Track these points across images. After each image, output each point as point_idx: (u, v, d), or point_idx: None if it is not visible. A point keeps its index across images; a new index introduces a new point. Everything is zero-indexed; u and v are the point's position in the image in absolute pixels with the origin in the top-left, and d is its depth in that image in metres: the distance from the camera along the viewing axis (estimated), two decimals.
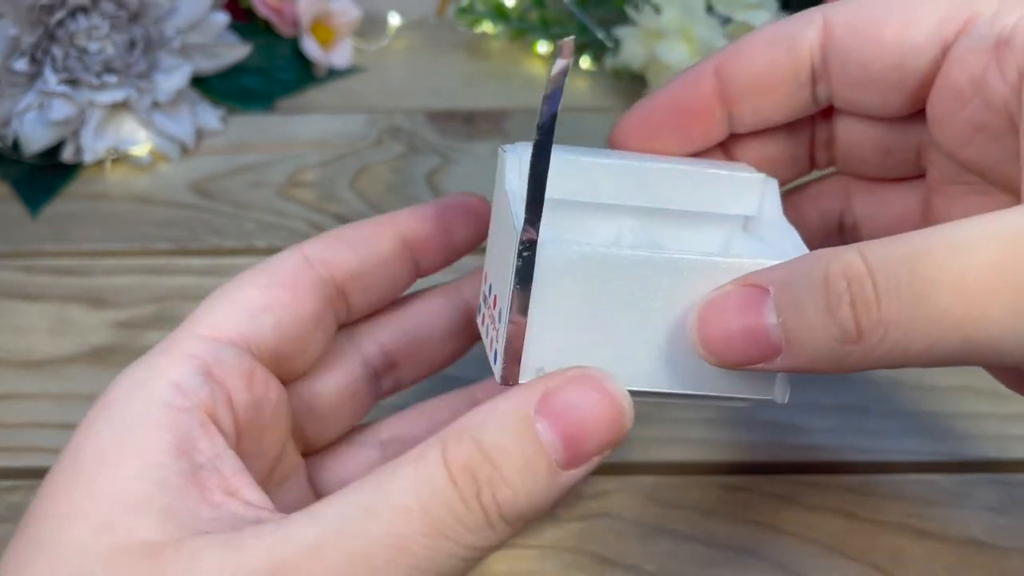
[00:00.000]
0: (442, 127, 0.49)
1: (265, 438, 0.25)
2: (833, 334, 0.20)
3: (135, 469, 0.21)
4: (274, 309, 0.25)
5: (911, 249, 0.19)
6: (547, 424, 0.20)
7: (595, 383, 0.21)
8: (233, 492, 0.21)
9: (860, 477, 0.34)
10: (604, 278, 0.22)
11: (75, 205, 0.44)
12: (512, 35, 0.54)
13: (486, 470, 0.19)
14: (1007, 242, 0.19)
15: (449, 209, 0.28)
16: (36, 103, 0.43)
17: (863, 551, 0.31)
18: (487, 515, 0.19)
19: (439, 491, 0.19)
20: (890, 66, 0.23)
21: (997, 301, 0.18)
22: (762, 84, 0.25)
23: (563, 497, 0.20)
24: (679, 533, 0.32)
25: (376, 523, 0.19)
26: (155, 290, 0.40)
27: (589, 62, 0.52)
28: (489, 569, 0.31)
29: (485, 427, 0.20)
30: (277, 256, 0.26)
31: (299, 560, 0.19)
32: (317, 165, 0.46)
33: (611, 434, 0.20)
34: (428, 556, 0.19)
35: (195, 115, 0.47)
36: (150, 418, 0.21)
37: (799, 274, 0.20)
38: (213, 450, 0.22)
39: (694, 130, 0.26)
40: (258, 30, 0.52)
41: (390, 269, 0.27)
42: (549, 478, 0.20)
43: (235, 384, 0.23)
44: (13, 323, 0.39)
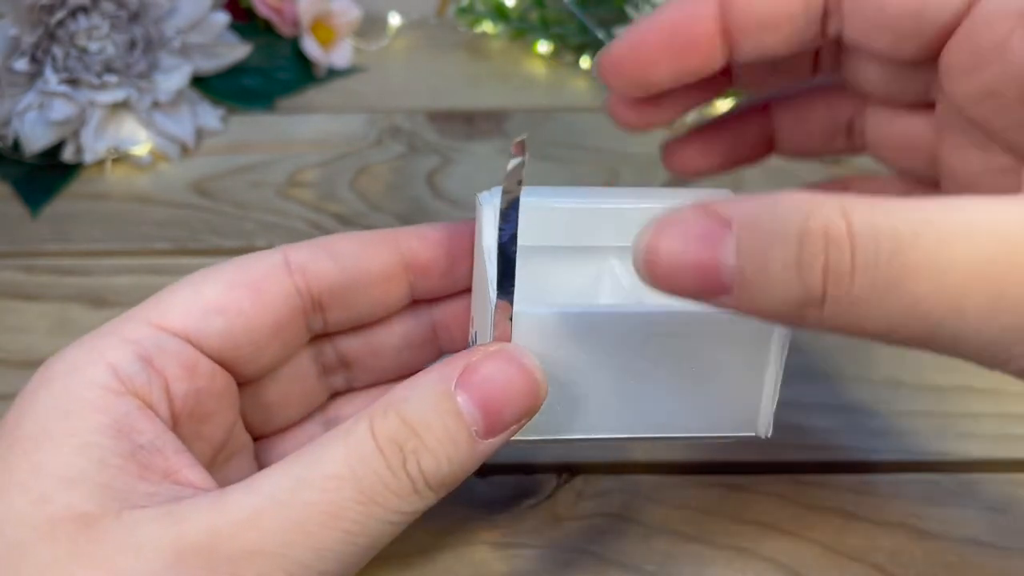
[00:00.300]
0: (442, 127, 0.49)
1: (207, 425, 0.25)
2: (794, 293, 0.18)
3: (73, 447, 0.21)
4: (228, 313, 0.24)
5: (898, 227, 0.18)
6: (467, 396, 0.21)
7: (511, 357, 0.22)
8: (174, 472, 0.22)
9: (860, 477, 0.34)
10: (580, 335, 0.23)
11: (75, 205, 0.44)
12: (512, 35, 0.54)
13: (411, 441, 0.20)
14: (994, 240, 0.17)
15: (457, 235, 0.27)
16: (36, 103, 0.43)
17: (863, 551, 0.31)
18: (413, 482, 0.21)
19: (368, 461, 0.20)
20: (909, 12, 0.22)
21: (972, 300, 0.18)
22: (770, 20, 0.23)
23: (482, 462, 0.21)
24: (679, 533, 0.32)
25: (310, 491, 0.20)
26: (155, 290, 0.40)
27: (589, 62, 0.52)
28: (489, 569, 0.31)
29: (409, 401, 0.21)
30: (261, 253, 0.25)
31: (236, 529, 0.20)
32: (317, 165, 0.46)
33: (527, 405, 0.22)
34: (360, 521, 0.20)
35: (195, 115, 0.47)
36: (87, 399, 0.22)
37: (771, 218, 0.19)
38: (153, 432, 0.22)
39: (691, 62, 0.24)
40: (258, 30, 0.52)
41: (379, 289, 0.26)
42: (469, 447, 0.21)
43: (174, 373, 0.23)
44: (13, 323, 0.39)
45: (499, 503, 0.33)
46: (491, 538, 0.32)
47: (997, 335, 0.18)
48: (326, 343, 0.28)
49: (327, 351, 0.28)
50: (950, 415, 0.36)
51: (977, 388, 0.36)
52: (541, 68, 0.53)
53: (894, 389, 0.36)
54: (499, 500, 0.33)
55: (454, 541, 0.31)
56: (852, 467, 0.34)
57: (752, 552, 0.31)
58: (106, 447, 0.21)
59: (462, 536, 0.32)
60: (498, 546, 0.31)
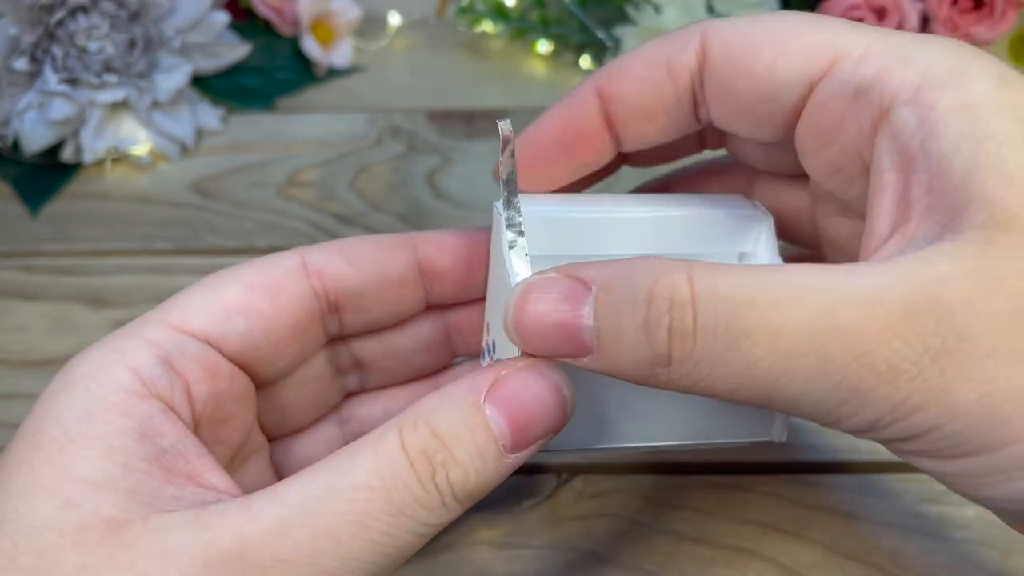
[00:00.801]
0: (442, 127, 0.49)
1: (227, 428, 0.25)
2: (644, 353, 0.20)
3: (99, 451, 0.21)
4: (248, 315, 0.24)
5: (736, 291, 0.19)
6: (495, 410, 0.21)
7: (541, 373, 0.22)
8: (197, 475, 0.22)
9: (860, 477, 0.34)
10: None
11: (75, 205, 0.44)
12: (512, 35, 0.54)
13: (440, 454, 0.21)
14: (820, 306, 0.18)
15: (473, 242, 0.27)
16: (36, 103, 0.43)
17: (863, 551, 0.31)
18: (441, 495, 0.21)
19: (399, 472, 0.20)
20: (760, 99, 0.23)
21: (802, 363, 0.18)
22: (645, 110, 0.24)
23: (507, 476, 0.22)
24: (679, 533, 0.32)
25: (340, 501, 0.20)
26: (155, 290, 0.40)
27: (589, 62, 0.52)
28: (490, 569, 0.31)
29: (439, 413, 0.21)
30: (278, 255, 0.26)
31: (265, 536, 0.20)
32: (317, 165, 0.46)
33: (554, 421, 0.22)
34: (389, 532, 0.20)
35: (195, 115, 0.47)
36: (111, 403, 0.22)
37: (623, 281, 0.20)
38: (176, 435, 0.22)
39: (584, 155, 0.26)
40: (258, 30, 0.52)
41: (395, 294, 0.27)
42: (497, 461, 0.21)
43: (195, 376, 0.23)
44: (13, 323, 0.39)
45: (499, 503, 0.33)
46: (491, 538, 0.32)
47: (825, 396, 0.19)
48: (341, 345, 0.28)
49: (342, 353, 0.28)
50: None
51: None
52: (541, 68, 0.53)
53: None
54: (499, 500, 0.33)
55: (454, 541, 0.31)
56: (852, 467, 0.34)
57: (752, 552, 0.31)
58: (131, 451, 0.21)
59: (462, 536, 0.32)
60: (498, 546, 0.31)
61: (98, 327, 0.39)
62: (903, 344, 0.18)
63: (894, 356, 0.18)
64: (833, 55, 0.22)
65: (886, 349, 0.18)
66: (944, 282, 0.18)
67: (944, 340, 0.18)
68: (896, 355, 0.18)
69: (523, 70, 0.53)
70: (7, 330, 0.38)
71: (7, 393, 0.36)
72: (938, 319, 0.18)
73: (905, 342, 0.18)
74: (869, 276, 0.19)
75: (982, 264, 0.18)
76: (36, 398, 0.23)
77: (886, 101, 0.21)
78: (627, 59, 0.25)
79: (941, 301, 0.18)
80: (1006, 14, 0.42)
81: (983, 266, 0.18)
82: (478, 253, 0.27)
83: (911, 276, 0.18)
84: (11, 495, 0.20)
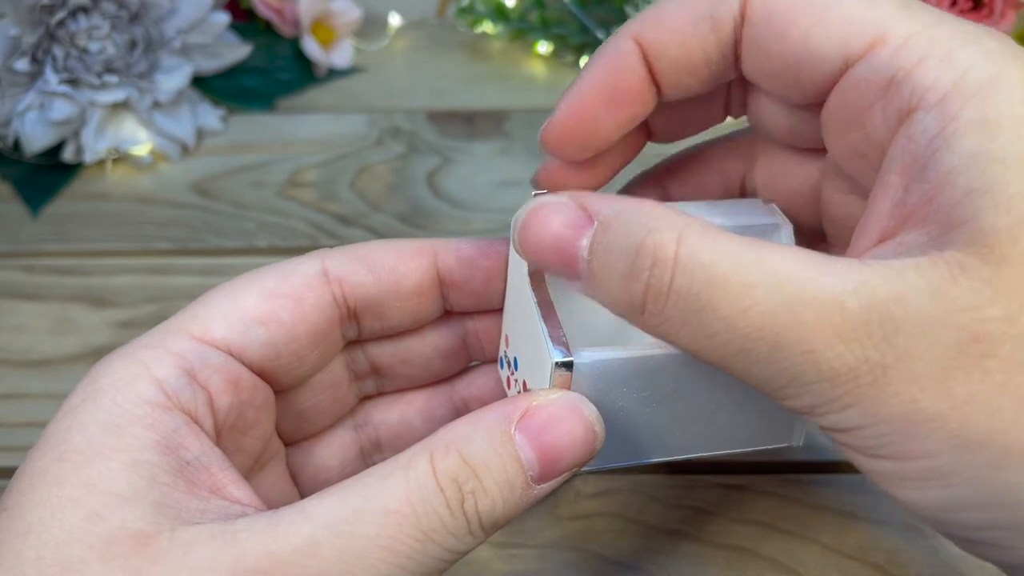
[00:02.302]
0: (442, 127, 0.49)
1: (248, 437, 0.25)
2: (624, 298, 0.21)
3: (124, 463, 0.21)
4: (269, 325, 0.24)
5: (715, 265, 0.20)
6: (526, 441, 0.21)
7: (572, 407, 0.22)
8: (220, 488, 0.22)
9: (860, 477, 0.34)
10: (630, 376, 0.23)
11: (76, 205, 0.44)
12: (512, 35, 0.54)
13: (471, 482, 0.21)
14: (788, 299, 0.19)
15: (492, 254, 0.27)
16: (37, 103, 0.43)
17: (863, 551, 0.31)
18: (469, 523, 0.21)
19: (429, 499, 0.20)
20: (791, 64, 0.23)
21: (757, 346, 0.20)
22: (689, 62, 0.24)
23: (531, 506, 0.22)
24: (679, 533, 0.32)
25: (369, 525, 0.20)
26: (155, 290, 0.40)
27: None
28: (489, 568, 0.31)
29: (470, 441, 0.21)
30: (297, 260, 0.25)
31: (295, 555, 0.20)
32: (317, 165, 0.46)
33: (583, 455, 0.22)
34: (416, 557, 0.20)
35: (195, 115, 0.47)
36: (135, 415, 0.21)
37: (621, 226, 0.21)
38: (200, 447, 0.22)
39: (631, 110, 0.25)
40: (258, 30, 0.52)
41: (413, 302, 0.27)
42: (524, 491, 0.21)
43: (218, 387, 0.23)
44: (13, 323, 0.39)
45: None
46: (491, 538, 0.32)
47: (771, 377, 0.20)
48: (358, 350, 0.28)
49: (359, 357, 0.28)
50: None
51: None
52: (541, 68, 0.53)
53: None
54: None
55: None
56: (852, 467, 0.34)
57: (752, 552, 0.31)
58: (156, 463, 0.21)
59: None
60: (498, 546, 0.31)
61: (99, 327, 0.39)
62: (847, 351, 0.19)
63: (837, 360, 0.19)
64: (875, 36, 0.21)
65: (831, 352, 0.19)
66: (903, 301, 0.19)
67: (883, 356, 0.19)
68: (839, 359, 0.19)
69: (523, 70, 0.53)
70: (8, 330, 0.38)
71: (8, 393, 0.36)
72: (885, 335, 0.19)
73: (850, 350, 0.19)
74: (840, 278, 0.19)
75: (947, 290, 0.19)
76: (37, 398, 0.23)
77: (914, 101, 0.21)
78: (667, 8, 0.24)
79: (894, 319, 0.19)
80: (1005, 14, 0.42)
81: (947, 293, 0.19)
82: (497, 266, 0.27)
83: (876, 288, 0.19)
84: (36, 506, 0.20)
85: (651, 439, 0.24)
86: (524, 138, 0.48)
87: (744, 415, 0.25)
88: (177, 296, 0.40)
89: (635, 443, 0.24)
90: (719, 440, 0.25)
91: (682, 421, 0.24)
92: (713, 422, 0.25)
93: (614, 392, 0.23)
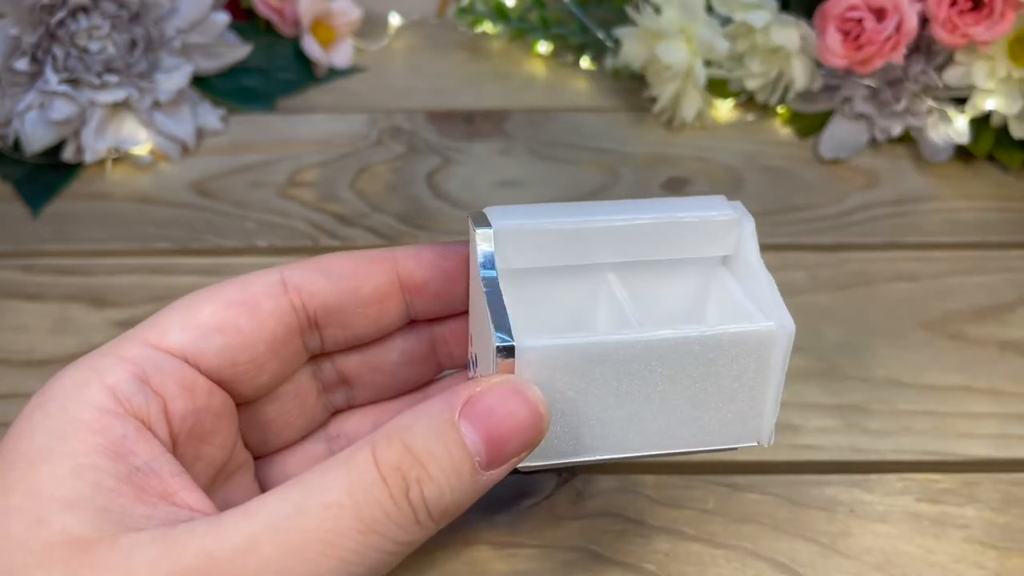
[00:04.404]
0: (442, 127, 0.49)
1: (207, 445, 0.25)
2: None
3: (69, 468, 0.21)
4: (226, 331, 0.24)
5: None
6: (471, 427, 0.21)
7: (516, 390, 0.22)
8: (171, 494, 0.22)
9: (860, 477, 0.34)
10: (583, 364, 0.23)
11: (76, 205, 0.44)
12: (512, 35, 0.54)
13: (415, 470, 0.21)
14: None
15: (452, 256, 0.26)
16: (37, 103, 0.43)
17: (862, 551, 0.31)
18: (415, 511, 0.21)
19: (370, 489, 0.20)
20: None
21: None
22: None
23: (484, 492, 0.22)
24: (679, 533, 0.32)
25: (309, 519, 0.20)
26: (155, 290, 0.40)
27: (589, 62, 0.52)
28: (489, 568, 0.31)
29: (413, 430, 0.21)
30: (257, 273, 0.25)
31: (232, 554, 0.20)
32: (317, 165, 0.46)
33: (530, 437, 0.22)
34: (358, 550, 0.20)
35: (196, 115, 0.47)
36: (83, 421, 0.22)
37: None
38: (150, 453, 0.22)
39: None
40: (259, 30, 0.52)
41: (374, 308, 0.26)
42: (473, 478, 0.21)
43: (172, 392, 0.23)
44: (14, 323, 0.39)
45: (499, 503, 0.33)
46: (491, 538, 0.32)
47: None
48: (326, 361, 0.28)
49: (327, 369, 0.28)
50: (950, 415, 0.36)
51: (977, 388, 0.36)
52: (541, 68, 0.53)
53: (894, 389, 0.36)
54: (499, 500, 0.33)
55: (454, 541, 0.31)
56: (852, 467, 0.34)
57: (752, 552, 0.31)
58: (103, 469, 0.21)
59: (462, 536, 0.32)
60: (498, 546, 0.31)
61: (99, 327, 0.39)
62: None
63: None
64: None
65: None
66: None
67: None
68: None
69: (523, 70, 0.53)
70: (8, 330, 0.38)
71: (8, 393, 0.36)
72: None
73: None
74: None
75: None
76: None
77: None
78: None
79: None
80: (1005, 15, 0.42)
81: None
82: (457, 267, 0.26)
83: None
84: None
85: (607, 434, 0.24)
86: (524, 138, 0.48)
87: (708, 410, 0.24)
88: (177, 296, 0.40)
89: (589, 438, 0.24)
90: (680, 438, 0.24)
91: (639, 415, 0.24)
92: (673, 417, 0.24)
93: (564, 381, 0.23)
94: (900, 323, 0.39)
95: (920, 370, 0.37)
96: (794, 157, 0.47)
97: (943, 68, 0.45)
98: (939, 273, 0.41)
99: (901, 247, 0.42)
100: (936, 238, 0.43)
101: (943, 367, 0.37)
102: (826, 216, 0.44)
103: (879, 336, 0.38)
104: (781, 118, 0.49)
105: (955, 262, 0.42)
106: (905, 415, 0.36)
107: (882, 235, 0.43)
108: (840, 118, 0.47)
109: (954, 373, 0.37)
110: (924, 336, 0.38)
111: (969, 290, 0.40)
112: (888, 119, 0.47)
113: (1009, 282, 0.41)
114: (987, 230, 0.43)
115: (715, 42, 0.45)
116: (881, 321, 0.39)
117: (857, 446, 0.35)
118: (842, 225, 0.43)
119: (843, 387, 0.36)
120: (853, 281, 0.41)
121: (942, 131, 0.46)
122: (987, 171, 0.46)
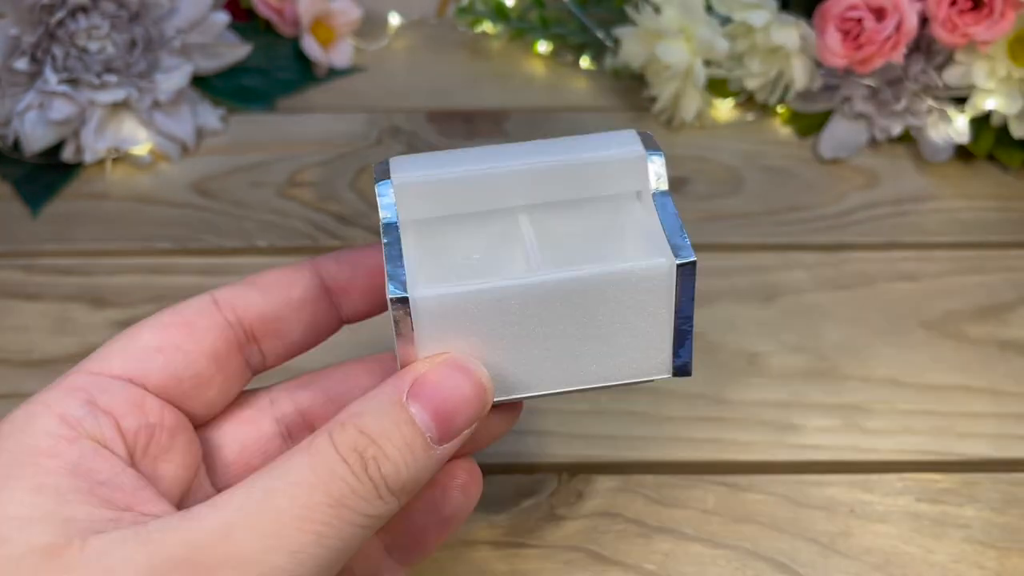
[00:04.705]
0: (442, 127, 0.49)
1: (166, 463, 0.25)
2: None
3: (28, 488, 0.21)
4: (165, 350, 0.25)
5: None
6: (419, 406, 0.22)
7: (458, 366, 0.23)
8: (136, 506, 0.22)
9: (860, 477, 0.34)
10: (488, 309, 0.23)
11: (75, 205, 0.44)
12: (512, 35, 0.54)
13: (371, 449, 0.22)
14: None
15: (371, 253, 0.27)
16: (37, 102, 0.43)
17: (862, 551, 0.31)
18: (376, 487, 0.21)
19: (333, 467, 0.21)
20: None
21: None
22: None
23: (441, 466, 0.23)
24: (679, 533, 0.32)
25: (280, 499, 0.21)
26: (155, 289, 0.40)
27: (589, 62, 0.52)
28: (489, 568, 0.31)
29: (365, 415, 0.22)
30: (189, 299, 0.26)
31: (211, 538, 0.20)
32: (317, 165, 0.46)
33: (476, 410, 0.23)
34: (332, 523, 0.21)
35: (195, 115, 0.47)
36: (40, 448, 0.22)
37: None
38: (111, 470, 0.22)
39: None
40: (258, 30, 0.52)
41: (306, 314, 0.27)
42: (426, 453, 0.22)
43: (121, 410, 0.24)
44: (14, 322, 0.39)
45: (499, 503, 0.33)
46: (491, 538, 0.32)
47: None
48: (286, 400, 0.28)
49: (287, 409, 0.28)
50: (950, 415, 0.36)
51: (977, 388, 0.36)
52: (541, 68, 0.53)
53: (894, 389, 0.36)
54: (499, 500, 0.33)
55: (454, 541, 0.31)
56: (852, 467, 0.34)
57: (752, 552, 0.31)
58: (64, 485, 0.21)
59: (462, 536, 0.32)
60: (498, 546, 0.31)
61: (99, 327, 0.39)
62: None
63: None
64: None
65: None
66: None
67: None
68: None
69: (523, 70, 0.53)
70: (8, 330, 0.38)
71: (8, 393, 0.36)
72: None
73: None
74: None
75: None
76: None
77: None
78: None
79: None
80: (1005, 15, 0.42)
81: None
82: (379, 263, 0.27)
83: None
84: None
85: (522, 374, 0.24)
86: (524, 138, 0.48)
87: (613, 345, 0.24)
88: (177, 296, 0.40)
89: (507, 379, 0.24)
90: (592, 373, 0.24)
91: (548, 355, 0.24)
92: (582, 354, 0.24)
93: (467, 328, 0.23)
94: (900, 323, 0.39)
95: (920, 370, 0.37)
96: (794, 157, 0.47)
97: (943, 68, 0.45)
98: (939, 273, 0.41)
99: (901, 247, 0.42)
100: (936, 238, 0.43)
101: (943, 367, 0.37)
102: (826, 216, 0.44)
103: (879, 336, 0.38)
104: (781, 118, 0.49)
105: (955, 262, 0.42)
106: (905, 415, 0.36)
107: (882, 235, 0.43)
108: (840, 118, 0.47)
109: (954, 373, 0.37)
110: (924, 336, 0.38)
111: (969, 290, 0.40)
112: (888, 119, 0.47)
113: (1009, 282, 0.41)
114: (987, 230, 0.43)
115: (715, 42, 0.45)
116: (881, 321, 0.39)
117: (857, 446, 0.35)
118: (842, 225, 0.43)
119: (843, 387, 0.36)
120: (853, 281, 0.41)
121: (942, 131, 0.46)
122: (987, 171, 0.46)
